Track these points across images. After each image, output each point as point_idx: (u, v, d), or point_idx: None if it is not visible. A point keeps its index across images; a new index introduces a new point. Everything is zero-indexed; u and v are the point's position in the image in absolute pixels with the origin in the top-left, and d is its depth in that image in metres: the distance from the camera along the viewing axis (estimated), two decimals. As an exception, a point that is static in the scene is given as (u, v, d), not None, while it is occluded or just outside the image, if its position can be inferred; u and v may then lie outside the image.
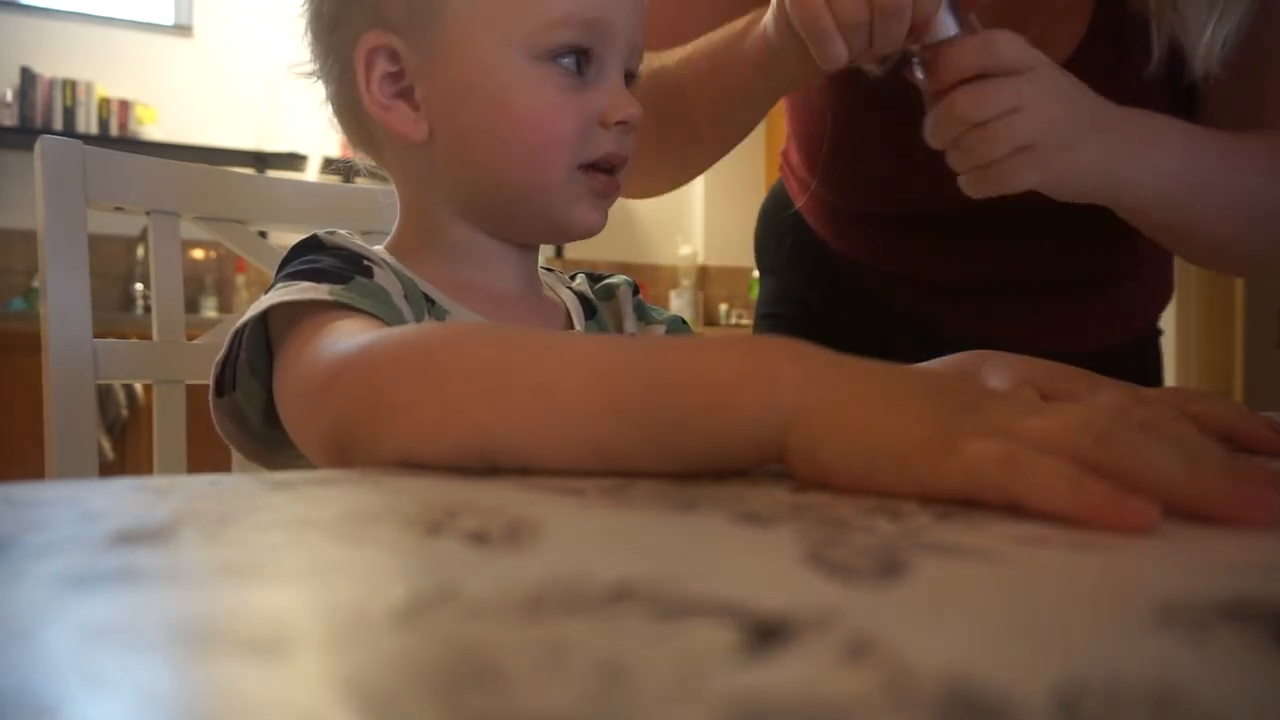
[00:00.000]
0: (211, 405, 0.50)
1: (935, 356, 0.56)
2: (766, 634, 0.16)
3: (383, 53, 0.56)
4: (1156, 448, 0.26)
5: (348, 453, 0.37)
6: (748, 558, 0.22)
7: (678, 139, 0.78)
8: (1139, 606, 0.18)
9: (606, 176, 0.58)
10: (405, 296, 0.53)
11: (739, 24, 0.71)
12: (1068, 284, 0.88)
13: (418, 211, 0.60)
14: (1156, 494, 0.25)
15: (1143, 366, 0.95)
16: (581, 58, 0.56)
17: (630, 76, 0.60)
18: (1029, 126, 0.62)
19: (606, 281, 0.70)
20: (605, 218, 0.59)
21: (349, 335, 0.41)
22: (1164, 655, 0.16)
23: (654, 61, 0.76)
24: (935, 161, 0.80)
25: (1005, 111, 0.61)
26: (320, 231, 0.55)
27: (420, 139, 0.57)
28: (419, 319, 0.53)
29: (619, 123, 0.57)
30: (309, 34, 0.60)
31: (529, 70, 0.55)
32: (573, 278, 0.70)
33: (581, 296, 0.66)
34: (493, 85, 0.55)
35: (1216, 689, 0.14)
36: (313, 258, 0.51)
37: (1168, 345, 1.01)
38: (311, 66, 0.61)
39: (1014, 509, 0.26)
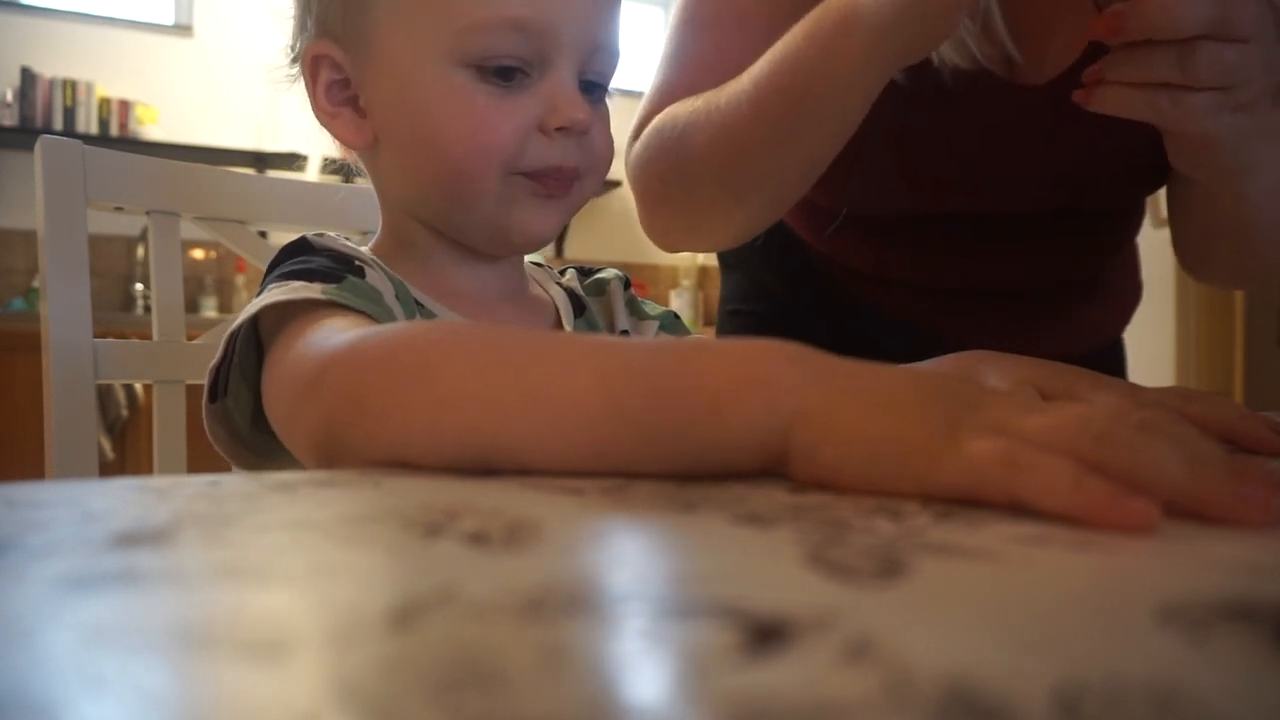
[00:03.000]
0: (204, 411, 0.49)
1: (915, 357, 0.55)
2: (767, 635, 0.16)
3: (324, 62, 0.56)
4: (1157, 447, 0.26)
5: (337, 452, 0.36)
6: (748, 558, 0.22)
7: (762, 172, 0.70)
8: (1139, 606, 0.18)
9: (554, 180, 0.55)
10: (396, 297, 0.52)
11: (809, 26, 0.63)
12: (1051, 290, 0.87)
13: (386, 216, 0.60)
14: (1157, 493, 0.25)
15: (1114, 372, 0.94)
16: (520, 60, 0.53)
17: (601, 76, 0.57)
18: (1253, 65, 0.53)
19: (597, 277, 0.69)
20: (555, 223, 0.57)
21: (339, 331, 0.41)
22: (1164, 655, 0.16)
23: (702, 100, 0.70)
24: (933, 166, 0.79)
25: (1243, 36, 0.52)
26: (309, 234, 0.54)
27: (365, 146, 0.57)
28: (410, 320, 0.52)
29: (560, 129, 0.54)
30: (288, 37, 0.60)
31: (450, 78, 0.53)
32: (563, 273, 0.69)
33: (571, 293, 0.66)
34: (417, 94, 0.54)
35: (1216, 689, 0.14)
36: (303, 258, 0.51)
37: (1167, 345, 1.01)
38: (290, 70, 0.61)
39: (1014, 509, 0.26)
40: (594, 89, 0.57)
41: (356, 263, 0.51)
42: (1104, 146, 0.75)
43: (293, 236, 0.56)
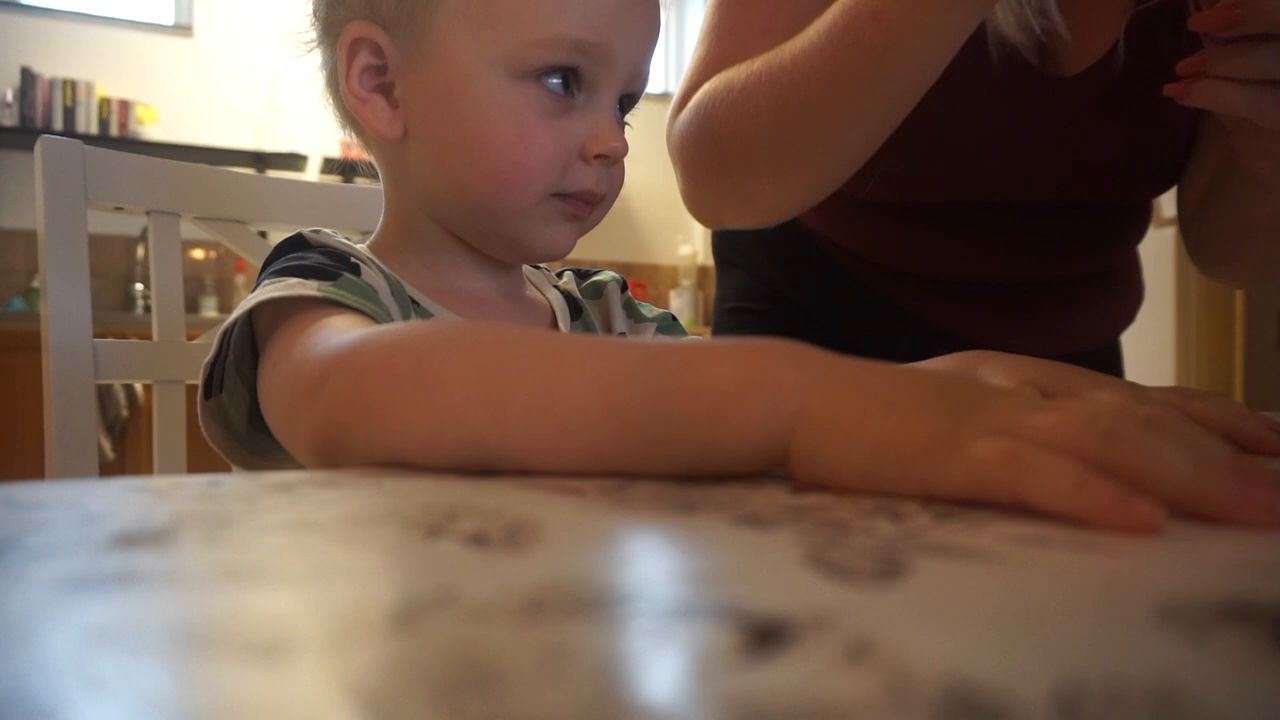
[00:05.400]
0: (199, 407, 0.49)
1: (927, 353, 0.55)
2: (766, 636, 0.16)
3: (366, 45, 0.55)
4: (1162, 446, 0.26)
5: (337, 455, 0.36)
6: (748, 559, 0.22)
7: (835, 130, 0.67)
8: (1139, 606, 0.18)
9: (582, 201, 0.56)
10: (392, 294, 0.52)
11: None
12: (1067, 285, 0.88)
13: (396, 209, 0.60)
14: (1162, 493, 0.25)
15: (1112, 372, 0.95)
16: (571, 78, 0.54)
17: (630, 100, 0.58)
18: None
19: (594, 279, 0.69)
20: (573, 241, 0.57)
21: (339, 332, 0.40)
22: (1164, 656, 0.16)
23: (760, 62, 0.68)
24: (963, 153, 0.79)
25: None
26: (305, 230, 0.54)
27: (394, 137, 0.56)
28: (405, 319, 0.52)
29: (599, 156, 0.54)
30: (310, 3, 0.59)
31: (508, 89, 0.53)
32: (560, 276, 0.69)
33: (568, 295, 0.66)
34: (468, 99, 0.53)
35: (1217, 689, 0.14)
36: (299, 255, 0.51)
37: (1167, 345, 1.02)
38: (308, 36, 0.60)
39: (1014, 509, 0.26)
40: (620, 113, 0.58)
41: (352, 259, 0.51)
42: (1133, 142, 0.76)
43: (291, 235, 0.56)
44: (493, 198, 0.54)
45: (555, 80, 0.53)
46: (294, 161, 3.56)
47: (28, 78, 3.39)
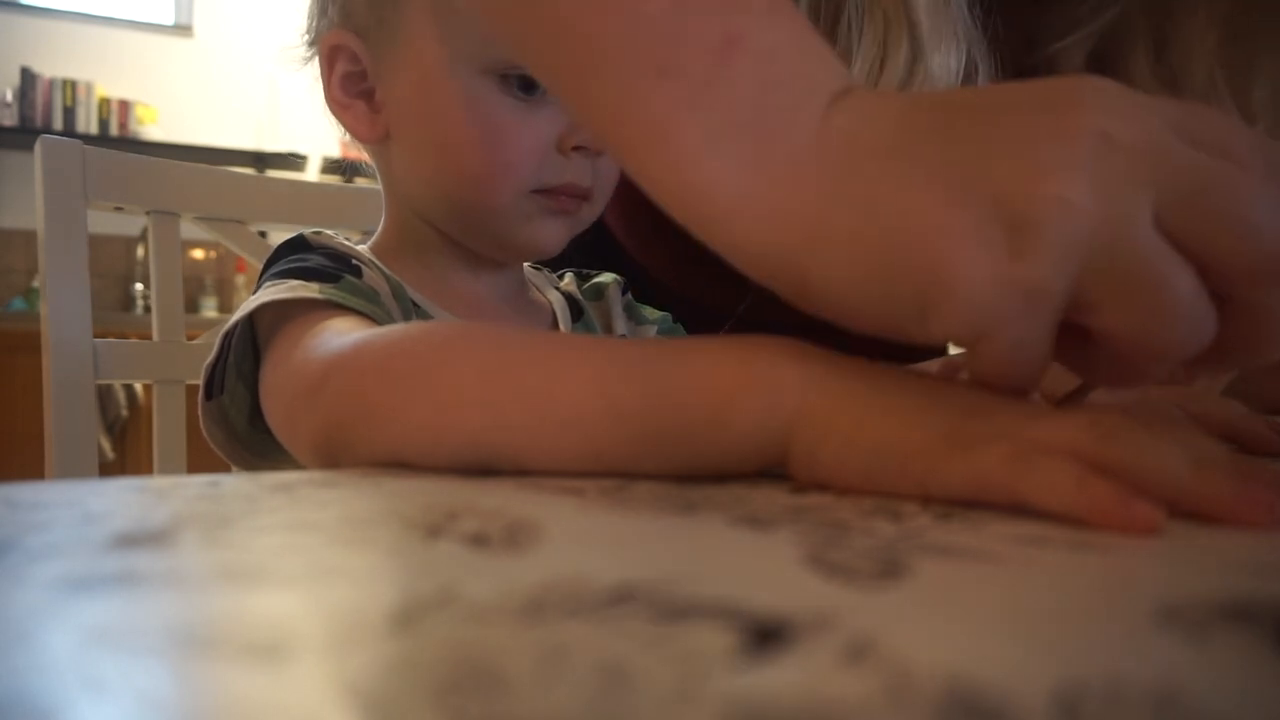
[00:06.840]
0: (200, 409, 0.49)
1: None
2: (766, 636, 0.16)
3: (343, 53, 0.56)
4: (1162, 447, 0.26)
5: (338, 455, 0.36)
6: (747, 559, 0.22)
7: None
8: (1139, 607, 0.18)
9: (568, 196, 0.55)
10: (393, 296, 0.52)
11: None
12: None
13: (392, 211, 0.60)
14: (1161, 494, 0.25)
15: None
16: None
17: None
18: None
19: (595, 281, 0.69)
20: (563, 237, 0.57)
21: (340, 334, 0.40)
22: (1164, 656, 0.16)
23: None
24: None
25: None
26: (306, 231, 0.54)
27: (375, 140, 0.56)
28: (406, 321, 0.52)
29: (577, 148, 0.54)
30: (306, 14, 0.60)
31: (475, 84, 0.52)
32: (561, 277, 0.69)
33: (569, 297, 0.66)
34: (438, 99, 0.53)
35: (1217, 690, 0.14)
36: (300, 257, 0.51)
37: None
38: (304, 49, 0.61)
39: (1014, 509, 0.26)
40: None
41: (353, 261, 0.51)
42: None
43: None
44: (469, 197, 0.54)
45: (527, 73, 0.53)
46: (294, 161, 3.56)
47: (28, 78, 3.39)
